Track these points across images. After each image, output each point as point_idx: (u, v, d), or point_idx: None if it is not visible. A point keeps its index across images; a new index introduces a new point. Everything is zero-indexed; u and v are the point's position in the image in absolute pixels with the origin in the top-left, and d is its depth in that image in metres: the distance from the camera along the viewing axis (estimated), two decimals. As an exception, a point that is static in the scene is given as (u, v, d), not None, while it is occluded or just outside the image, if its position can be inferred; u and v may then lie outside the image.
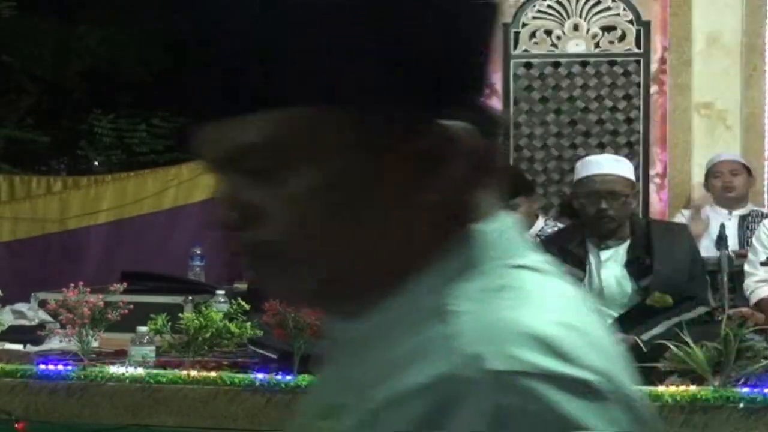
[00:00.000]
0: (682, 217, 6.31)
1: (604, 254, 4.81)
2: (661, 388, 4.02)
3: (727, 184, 6.26)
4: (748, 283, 5.23)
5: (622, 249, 4.80)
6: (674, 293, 4.61)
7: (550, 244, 5.00)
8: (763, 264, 5.17)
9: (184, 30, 1.05)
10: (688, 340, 4.10)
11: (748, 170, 6.33)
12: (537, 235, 5.76)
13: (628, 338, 4.42)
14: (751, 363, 4.08)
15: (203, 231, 8.19)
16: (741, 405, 3.93)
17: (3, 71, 14.08)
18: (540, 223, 5.84)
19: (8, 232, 8.48)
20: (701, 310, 4.60)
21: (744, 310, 4.93)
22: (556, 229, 5.81)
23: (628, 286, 4.77)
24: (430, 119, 0.98)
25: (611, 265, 4.80)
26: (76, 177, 9.93)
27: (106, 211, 8.54)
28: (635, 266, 4.76)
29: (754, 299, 5.18)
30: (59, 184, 9.22)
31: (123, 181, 8.81)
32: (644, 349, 4.39)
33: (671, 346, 4.13)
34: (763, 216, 6.15)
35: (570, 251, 4.80)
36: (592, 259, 4.81)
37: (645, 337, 4.44)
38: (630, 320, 4.59)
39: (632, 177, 4.87)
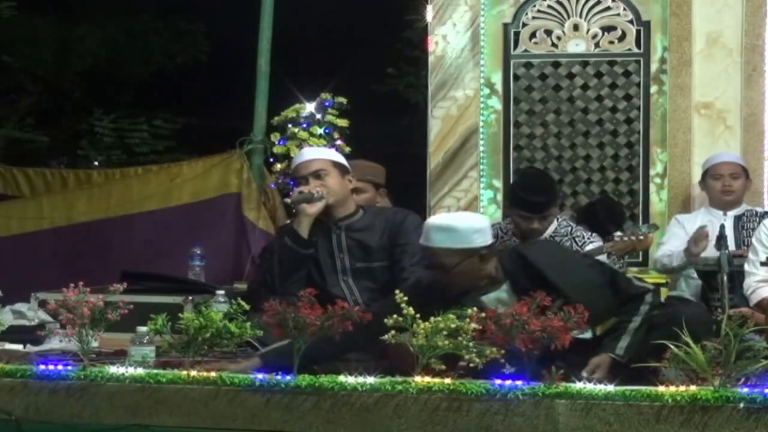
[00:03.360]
0: (676, 221, 6.28)
1: (486, 298, 4.50)
2: (661, 388, 4.03)
3: (726, 187, 6.24)
4: (749, 283, 5.22)
5: (504, 291, 4.52)
6: (604, 311, 4.42)
7: (432, 293, 4.49)
8: (763, 264, 5.16)
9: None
10: (688, 340, 4.10)
11: (746, 172, 6.32)
12: (551, 236, 5.72)
13: (604, 358, 4.36)
14: (751, 363, 4.08)
15: (204, 230, 8.23)
16: (741, 405, 3.93)
17: (3, 71, 14.09)
18: (554, 224, 5.82)
19: (16, 227, 8.51)
20: (649, 298, 4.49)
21: (744, 310, 4.93)
22: (569, 228, 5.77)
23: None
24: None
25: (502, 308, 4.33)
26: (87, 170, 10.01)
27: (107, 209, 8.56)
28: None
29: (754, 299, 5.17)
30: (72, 177, 9.28)
31: (131, 178, 8.86)
32: (623, 361, 4.34)
33: (671, 346, 4.13)
34: (759, 215, 6.14)
35: (451, 298, 4.42)
36: (477, 305, 4.39)
37: (619, 351, 4.37)
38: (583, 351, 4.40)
39: (464, 245, 4.41)
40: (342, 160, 5.25)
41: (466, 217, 4.75)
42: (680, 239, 6.08)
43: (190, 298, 5.84)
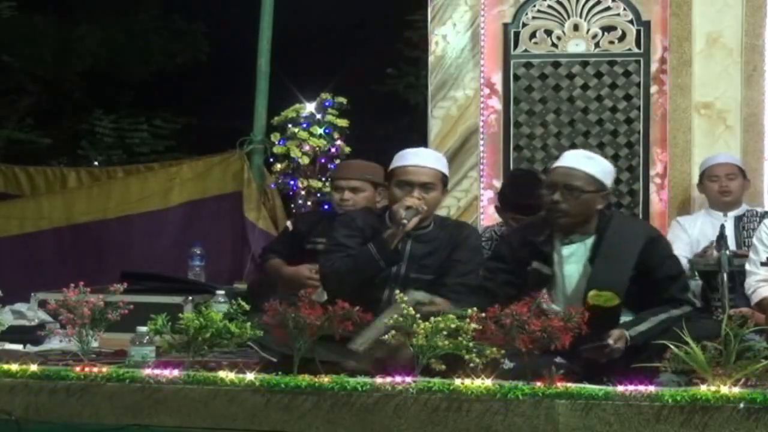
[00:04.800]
0: (677, 224, 6.29)
1: (566, 250, 4.66)
2: (661, 388, 4.03)
3: (723, 188, 6.24)
4: (750, 283, 5.22)
5: (588, 244, 4.65)
6: (616, 290, 4.49)
7: (514, 236, 4.87)
8: (763, 264, 5.16)
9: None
10: (689, 339, 4.10)
11: (743, 173, 6.32)
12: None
13: (623, 332, 4.39)
14: (751, 363, 4.08)
15: (204, 229, 8.23)
16: (741, 405, 3.93)
17: (3, 71, 14.09)
18: None
19: (16, 227, 8.52)
20: (687, 309, 4.54)
21: (744, 310, 4.93)
22: None
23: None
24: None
25: (574, 261, 4.66)
26: (88, 168, 10.02)
27: (106, 209, 8.57)
28: None
29: (755, 299, 5.17)
30: (73, 175, 9.30)
31: (130, 177, 8.86)
32: (629, 343, 4.36)
33: (671, 346, 4.14)
34: (759, 215, 6.14)
35: (535, 245, 4.66)
36: (556, 255, 4.67)
37: (632, 332, 4.40)
38: (592, 324, 4.40)
39: (602, 178, 4.64)
40: (447, 172, 5.07)
41: (602, 158, 5.02)
42: (683, 243, 6.09)
43: (190, 298, 5.84)
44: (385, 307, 4.74)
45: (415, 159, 4.97)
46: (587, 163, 4.68)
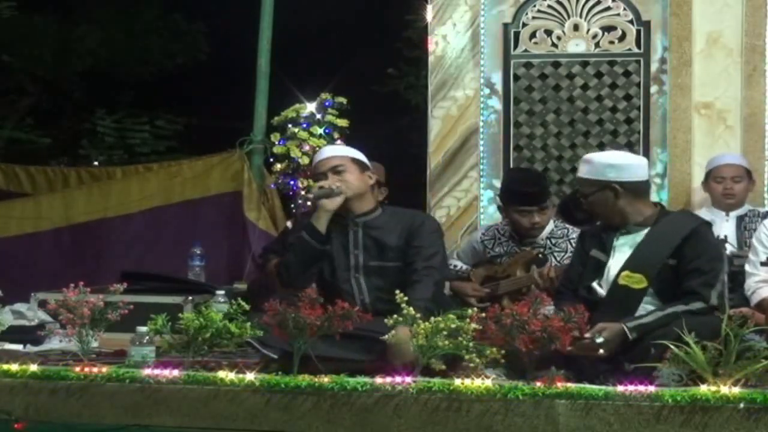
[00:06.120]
0: None
1: (620, 240, 4.83)
2: (661, 388, 4.03)
3: (728, 191, 6.23)
4: (749, 284, 5.22)
5: (641, 235, 4.81)
6: (647, 274, 4.65)
7: (589, 230, 5.12)
8: (763, 264, 5.16)
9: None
10: (689, 340, 4.10)
11: (749, 174, 6.31)
12: (548, 237, 5.77)
13: (614, 326, 4.43)
14: (751, 363, 4.08)
15: (205, 229, 8.23)
16: (741, 405, 3.94)
17: (3, 71, 14.09)
18: (551, 225, 5.84)
19: (16, 227, 8.52)
20: (697, 305, 4.55)
21: (744, 310, 4.93)
22: (566, 231, 5.81)
23: None
24: None
25: (623, 250, 4.80)
26: (88, 168, 10.01)
27: (106, 208, 8.57)
28: None
29: (755, 299, 5.17)
30: (73, 174, 9.30)
31: (130, 177, 8.87)
32: (629, 336, 4.40)
33: (671, 346, 4.14)
34: (761, 216, 6.13)
35: (599, 236, 4.90)
36: (611, 244, 4.85)
37: (631, 324, 4.44)
38: (616, 302, 4.64)
39: (596, 176, 4.79)
40: (361, 156, 5.19)
41: (612, 153, 5.21)
42: None
43: (190, 298, 5.85)
44: (360, 297, 4.89)
45: (321, 155, 5.23)
46: (582, 168, 4.92)
